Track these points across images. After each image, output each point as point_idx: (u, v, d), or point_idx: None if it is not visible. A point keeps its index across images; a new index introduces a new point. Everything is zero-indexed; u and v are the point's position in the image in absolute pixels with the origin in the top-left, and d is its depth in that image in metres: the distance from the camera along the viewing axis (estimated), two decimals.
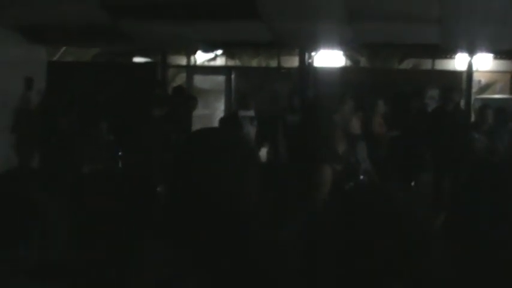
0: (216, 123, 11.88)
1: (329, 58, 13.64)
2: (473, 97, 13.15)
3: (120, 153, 9.81)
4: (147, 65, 14.47)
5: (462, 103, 12.17)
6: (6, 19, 11.21)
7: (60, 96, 11.62)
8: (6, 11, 10.71)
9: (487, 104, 11.70)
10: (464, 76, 13.26)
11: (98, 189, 2.51)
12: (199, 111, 13.55)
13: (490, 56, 13.19)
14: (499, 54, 13.08)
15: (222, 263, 1.90)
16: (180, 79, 14.71)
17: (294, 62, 13.82)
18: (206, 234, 1.92)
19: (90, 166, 8.88)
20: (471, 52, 12.85)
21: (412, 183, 9.80)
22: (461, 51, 12.95)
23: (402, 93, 11.36)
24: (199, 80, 14.67)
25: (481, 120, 10.61)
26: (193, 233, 1.93)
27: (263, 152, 11.40)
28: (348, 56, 13.80)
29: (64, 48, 14.31)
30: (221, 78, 14.53)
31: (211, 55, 14.38)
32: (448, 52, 13.11)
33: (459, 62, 13.39)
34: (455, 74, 13.40)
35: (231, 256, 1.90)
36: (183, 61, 14.75)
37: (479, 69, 13.43)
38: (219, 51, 14.24)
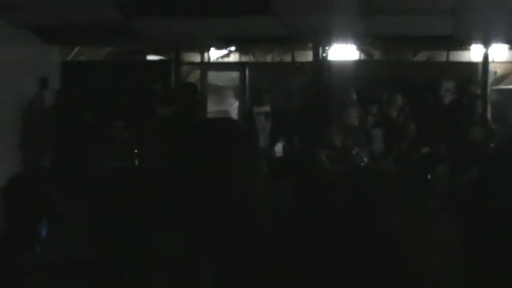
0: None
1: (343, 52, 13.58)
2: (489, 88, 13.06)
3: (136, 151, 9.82)
4: (161, 63, 14.48)
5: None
6: (20, 19, 11.25)
7: (74, 96, 11.65)
8: (20, 11, 10.75)
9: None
10: (480, 67, 13.17)
11: (114, 187, 2.51)
12: (214, 108, 13.56)
13: (506, 46, 13.09)
14: None
15: (221, 246, 1.92)
16: (194, 76, 14.71)
17: (308, 56, 13.77)
18: (209, 217, 1.95)
19: (107, 165, 8.90)
20: (486, 43, 12.77)
21: (429, 176, 9.73)
22: (476, 42, 12.87)
23: (417, 86, 11.30)
24: (213, 77, 14.66)
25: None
26: (198, 216, 1.96)
27: (279, 147, 11.41)
28: (362, 49, 13.74)
29: (77, 47, 14.34)
30: (235, 75, 14.52)
31: (224, 51, 14.37)
32: (463, 43, 13.02)
33: (474, 53, 13.30)
34: (470, 66, 13.30)
35: (229, 239, 1.92)
36: (196, 58, 14.75)
37: (495, 60, 13.33)
38: (233, 48, 14.22)
